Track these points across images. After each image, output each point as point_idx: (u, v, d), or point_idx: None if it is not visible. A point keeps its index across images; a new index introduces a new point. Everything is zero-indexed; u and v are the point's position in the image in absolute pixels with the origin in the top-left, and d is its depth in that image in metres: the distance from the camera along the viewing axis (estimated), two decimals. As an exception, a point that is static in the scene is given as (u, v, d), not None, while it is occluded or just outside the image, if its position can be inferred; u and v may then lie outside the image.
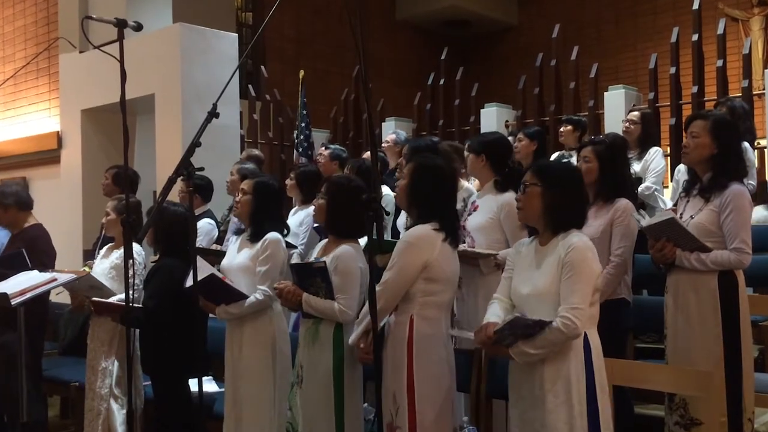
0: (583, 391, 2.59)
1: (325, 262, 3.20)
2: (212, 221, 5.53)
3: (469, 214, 3.84)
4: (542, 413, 2.61)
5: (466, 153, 3.99)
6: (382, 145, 6.07)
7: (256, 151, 6.66)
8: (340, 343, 3.19)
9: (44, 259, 4.71)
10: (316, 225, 4.33)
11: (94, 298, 4.02)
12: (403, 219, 4.45)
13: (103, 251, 4.46)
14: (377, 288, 2.94)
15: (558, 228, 2.70)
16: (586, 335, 2.62)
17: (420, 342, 2.91)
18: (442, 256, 2.94)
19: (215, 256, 4.40)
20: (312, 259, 3.41)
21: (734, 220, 3.12)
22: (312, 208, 3.94)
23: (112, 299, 4.02)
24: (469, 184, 4.31)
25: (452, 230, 3.01)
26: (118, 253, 4.25)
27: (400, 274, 2.92)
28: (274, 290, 3.35)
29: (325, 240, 3.46)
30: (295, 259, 3.45)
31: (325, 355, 3.20)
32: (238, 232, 3.82)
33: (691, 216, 3.25)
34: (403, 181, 3.09)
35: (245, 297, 3.47)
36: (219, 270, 3.69)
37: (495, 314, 2.80)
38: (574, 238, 2.64)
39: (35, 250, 4.71)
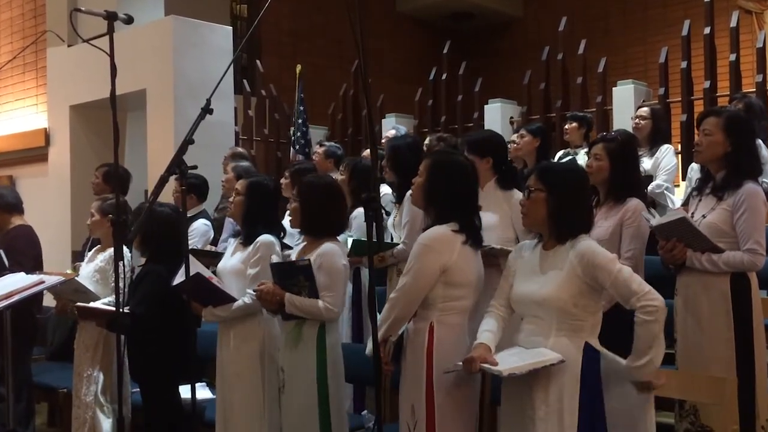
0: (575, 401, 2.57)
1: (309, 260, 3.19)
2: (208, 222, 5.55)
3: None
4: (532, 423, 2.60)
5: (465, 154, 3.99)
6: (382, 141, 6.06)
7: (240, 149, 6.66)
8: (324, 345, 3.19)
9: (21, 258, 4.75)
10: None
11: (78, 303, 4.00)
12: (391, 219, 4.44)
13: (89, 254, 4.46)
14: (393, 294, 2.94)
15: (564, 235, 2.68)
16: (587, 344, 2.62)
17: (440, 350, 2.85)
18: (461, 259, 2.89)
19: (211, 258, 4.41)
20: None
21: (748, 220, 3.11)
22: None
23: (97, 303, 4.01)
24: None
25: (473, 231, 2.95)
26: (103, 256, 4.26)
27: (417, 279, 2.87)
28: (254, 292, 3.33)
29: (302, 243, 3.46)
30: (275, 260, 3.44)
31: (309, 357, 3.19)
32: (236, 234, 3.82)
33: (703, 215, 3.24)
34: (419, 178, 3.03)
35: (233, 300, 3.48)
36: (215, 272, 3.69)
37: (488, 330, 2.77)
38: (582, 244, 2.63)
39: (13, 250, 4.77)
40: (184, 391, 3.89)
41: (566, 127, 5.96)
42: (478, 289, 2.99)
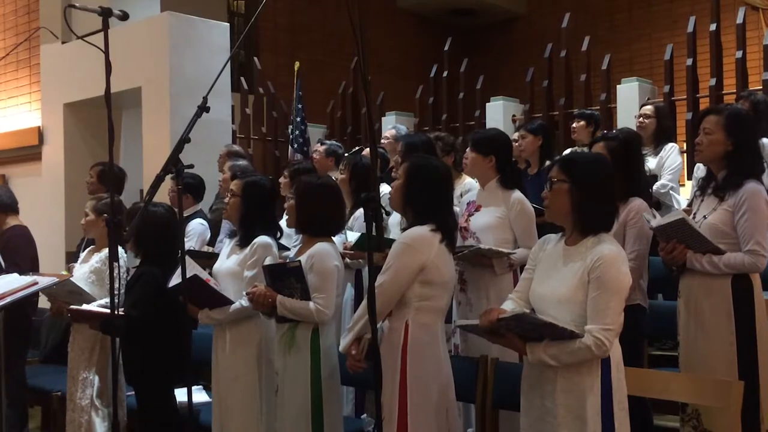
0: (597, 407, 2.56)
1: (300, 261, 3.23)
2: (204, 222, 5.57)
3: (471, 215, 3.86)
4: (553, 427, 2.60)
5: (468, 151, 4.01)
6: (382, 141, 6.08)
7: (236, 147, 6.66)
8: (318, 349, 3.22)
9: (17, 258, 4.79)
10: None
11: (72, 306, 3.99)
12: (397, 217, 4.46)
13: (83, 254, 4.47)
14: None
15: (587, 229, 2.66)
16: None
17: (414, 349, 2.93)
18: (439, 259, 2.97)
19: (207, 259, 4.42)
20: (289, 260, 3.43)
21: (749, 221, 3.11)
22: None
23: (92, 305, 4.01)
24: (471, 179, 4.31)
25: (449, 232, 3.05)
26: (98, 257, 4.26)
27: (396, 277, 2.94)
28: (247, 295, 3.35)
29: (301, 244, 3.49)
30: (268, 262, 3.47)
31: (302, 361, 3.22)
32: (231, 235, 3.83)
33: (704, 216, 3.25)
34: (398, 181, 3.13)
35: (230, 302, 3.49)
36: (211, 273, 3.70)
37: (507, 307, 2.80)
38: (604, 247, 2.59)
39: (10, 250, 4.79)
40: (180, 394, 3.90)
41: (573, 125, 5.97)
42: (451, 289, 3.12)
